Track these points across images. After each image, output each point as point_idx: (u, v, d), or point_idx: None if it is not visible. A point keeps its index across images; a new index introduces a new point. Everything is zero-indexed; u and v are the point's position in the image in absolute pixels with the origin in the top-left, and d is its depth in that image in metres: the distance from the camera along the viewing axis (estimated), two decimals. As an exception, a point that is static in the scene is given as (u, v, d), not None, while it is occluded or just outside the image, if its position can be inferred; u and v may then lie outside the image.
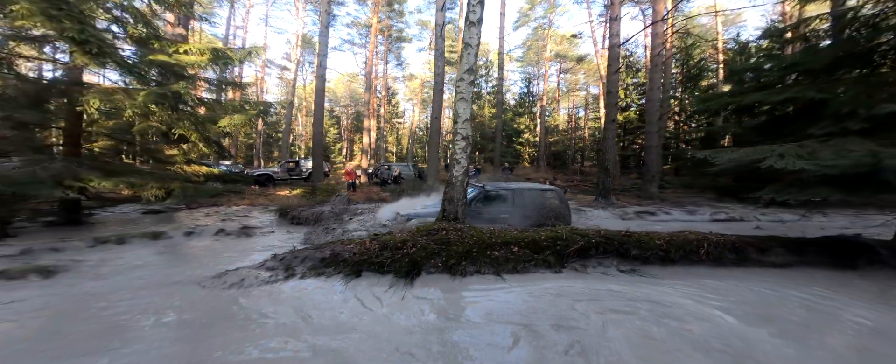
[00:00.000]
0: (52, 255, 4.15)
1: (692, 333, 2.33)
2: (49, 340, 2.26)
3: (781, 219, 8.40)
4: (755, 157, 3.60)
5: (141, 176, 5.51)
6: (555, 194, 6.21)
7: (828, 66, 4.08)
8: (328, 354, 2.15)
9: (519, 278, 3.55)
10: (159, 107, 5.28)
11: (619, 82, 28.88)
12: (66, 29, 4.22)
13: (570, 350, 2.17)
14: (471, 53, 4.54)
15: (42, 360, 2.04)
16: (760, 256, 3.81)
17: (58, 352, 2.12)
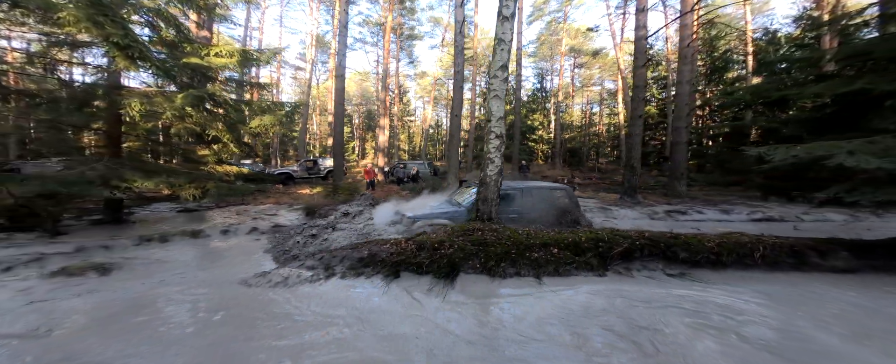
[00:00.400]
0: (104, 252, 4.34)
1: (784, 344, 2.17)
2: (117, 333, 2.33)
3: (828, 219, 7.92)
4: (820, 153, 3.35)
5: (179, 176, 5.69)
6: (564, 193, 6.00)
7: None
8: (377, 357, 2.13)
9: (560, 281, 3.46)
10: (195, 108, 5.42)
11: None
12: (111, 35, 4.36)
13: (652, 357, 2.07)
14: (504, 49, 4.43)
15: (119, 350, 2.11)
16: (822, 260, 3.56)
17: (126, 345, 2.18)
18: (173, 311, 2.79)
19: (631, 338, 2.29)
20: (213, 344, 2.23)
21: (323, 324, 2.55)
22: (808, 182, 4.52)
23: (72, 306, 2.81)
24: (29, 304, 2.84)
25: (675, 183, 11.44)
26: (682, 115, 11.43)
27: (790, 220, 7.95)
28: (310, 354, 2.14)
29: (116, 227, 5.93)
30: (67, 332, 2.38)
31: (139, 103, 5.28)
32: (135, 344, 2.21)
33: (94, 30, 4.31)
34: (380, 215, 5.97)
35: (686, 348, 2.17)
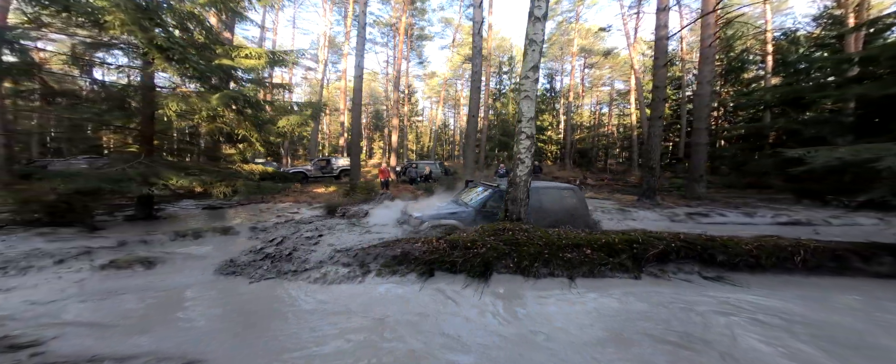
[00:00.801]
0: (145, 246, 4.50)
1: (842, 351, 2.14)
2: (167, 325, 2.43)
3: (857, 223, 7.71)
4: (867, 156, 3.28)
5: (211, 175, 5.85)
6: (572, 193, 5.97)
7: None
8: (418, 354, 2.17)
9: (595, 283, 3.46)
10: (228, 109, 5.57)
11: (650, 77, 27.54)
12: (154, 37, 4.52)
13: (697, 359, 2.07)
14: (535, 50, 4.44)
15: (174, 342, 2.20)
16: (865, 265, 3.49)
17: (178, 336, 2.27)
18: (216, 306, 2.89)
19: (680, 343, 2.29)
20: (258, 340, 2.30)
21: (364, 321, 2.61)
22: (846, 185, 4.43)
23: (127, 297, 2.93)
24: (85, 293, 2.97)
25: (694, 185, 11.26)
26: (702, 116, 11.24)
27: (817, 224, 7.76)
28: (351, 350, 2.18)
29: (149, 223, 6.13)
30: (132, 321, 2.49)
31: (176, 104, 5.45)
32: (185, 337, 2.29)
33: (140, 33, 4.47)
34: (379, 216, 5.99)
35: (733, 351, 2.16)
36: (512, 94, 34.35)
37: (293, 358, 2.09)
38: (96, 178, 4.56)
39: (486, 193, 5.83)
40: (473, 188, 6.78)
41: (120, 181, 4.69)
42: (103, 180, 4.51)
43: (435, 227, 5.06)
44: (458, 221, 5.27)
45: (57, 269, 3.54)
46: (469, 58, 36.67)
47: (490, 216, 5.36)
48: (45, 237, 4.40)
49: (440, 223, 5.17)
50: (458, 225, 5.25)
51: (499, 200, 5.62)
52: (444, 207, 5.75)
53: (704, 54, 11.44)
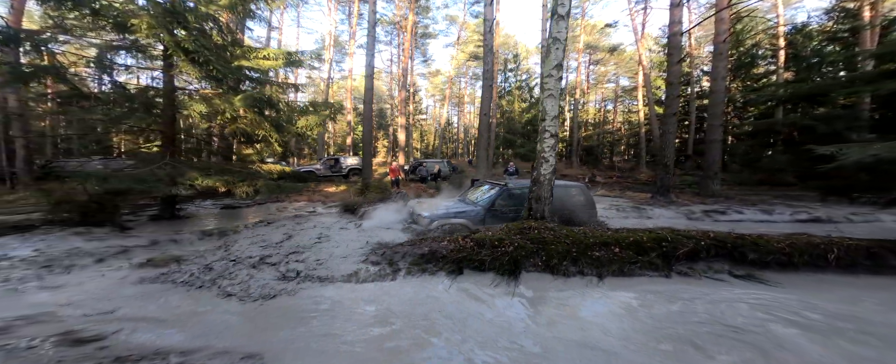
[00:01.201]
0: (176, 245, 4.61)
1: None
2: (204, 326, 2.50)
3: (879, 219, 7.60)
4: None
5: (233, 175, 5.95)
6: (579, 190, 5.96)
7: None
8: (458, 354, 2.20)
9: (625, 281, 3.47)
10: (251, 110, 5.65)
11: (659, 74, 27.21)
12: (181, 41, 4.59)
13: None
14: (559, 48, 4.44)
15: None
16: (900, 263, 3.45)
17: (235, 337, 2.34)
18: (259, 309, 2.96)
19: (726, 343, 2.30)
20: (305, 336, 2.36)
21: (400, 320, 2.65)
22: (876, 182, 4.37)
23: (171, 294, 3.02)
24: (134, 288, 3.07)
25: (708, 182, 11.16)
26: (717, 113, 11.12)
27: (838, 221, 7.65)
28: (385, 349, 2.21)
29: (173, 223, 6.26)
30: (181, 316, 2.57)
31: (200, 105, 5.54)
32: (236, 332, 2.36)
33: (167, 36, 4.55)
34: (380, 217, 5.89)
35: (778, 352, 2.16)
36: (517, 92, 34.19)
37: (341, 353, 2.15)
38: (129, 178, 4.67)
39: (494, 192, 5.80)
40: (479, 187, 6.78)
41: (151, 182, 4.79)
42: (135, 181, 4.63)
43: (444, 226, 5.09)
44: (468, 221, 5.29)
45: (98, 267, 3.65)
46: (474, 55, 36.56)
47: (499, 215, 5.37)
48: (82, 237, 4.52)
49: (449, 223, 5.19)
50: (468, 224, 5.27)
51: (508, 199, 5.63)
52: (453, 207, 5.72)
53: (718, 50, 11.29)
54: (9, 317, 2.41)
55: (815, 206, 9.28)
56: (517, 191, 5.78)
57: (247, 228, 5.41)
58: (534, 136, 29.56)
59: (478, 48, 35.55)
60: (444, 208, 5.64)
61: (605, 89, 39.64)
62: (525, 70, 37.15)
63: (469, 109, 48.17)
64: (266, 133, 6.65)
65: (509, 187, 5.79)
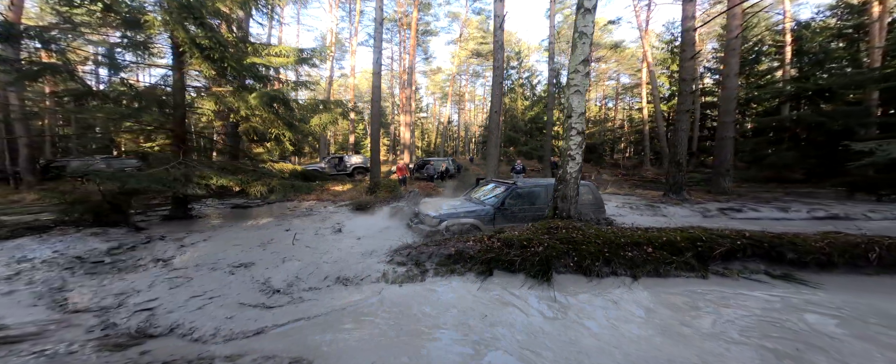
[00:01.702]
0: (208, 245, 4.51)
1: None
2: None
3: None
4: None
5: (247, 174, 5.85)
6: (587, 189, 5.86)
7: None
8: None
9: (661, 282, 3.39)
10: (266, 108, 5.54)
11: (663, 71, 27.03)
12: (198, 37, 4.47)
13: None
14: (585, 43, 4.33)
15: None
16: (943, 263, 3.36)
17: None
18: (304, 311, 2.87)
19: (785, 347, 2.22)
20: (352, 340, 2.29)
21: (437, 320, 2.58)
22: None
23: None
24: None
25: (720, 179, 11.07)
26: (729, 110, 11.01)
27: (856, 218, 7.55)
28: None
29: (186, 222, 6.17)
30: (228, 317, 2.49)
31: (213, 103, 5.42)
32: (281, 333, 2.28)
33: (182, 32, 4.43)
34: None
35: (841, 355, 2.09)
36: (519, 90, 34.00)
37: (385, 357, 2.07)
38: (147, 178, 4.57)
39: (503, 192, 5.70)
40: (484, 186, 6.67)
41: (168, 181, 4.70)
42: (154, 181, 4.53)
43: (453, 226, 4.99)
44: (477, 220, 5.20)
45: (139, 266, 3.56)
46: (476, 52, 36.30)
47: (508, 215, 5.31)
48: (100, 237, 4.43)
49: (459, 222, 5.10)
50: (477, 224, 5.19)
51: (516, 198, 5.54)
52: (461, 206, 5.60)
53: (730, 46, 11.16)
54: (42, 320, 2.33)
55: (829, 202, 9.18)
56: (526, 190, 5.72)
57: (287, 232, 5.30)
58: (536, 133, 29.46)
59: (480, 45, 35.35)
60: (452, 208, 5.54)
61: (605, 87, 39.50)
62: (527, 68, 36.91)
63: (469, 107, 48.03)
64: (279, 131, 6.54)
65: (517, 187, 5.70)
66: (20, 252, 3.80)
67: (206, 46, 4.65)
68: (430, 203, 6.24)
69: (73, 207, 4.91)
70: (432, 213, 5.29)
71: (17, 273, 3.37)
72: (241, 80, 6.12)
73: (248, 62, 6.21)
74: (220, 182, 5.37)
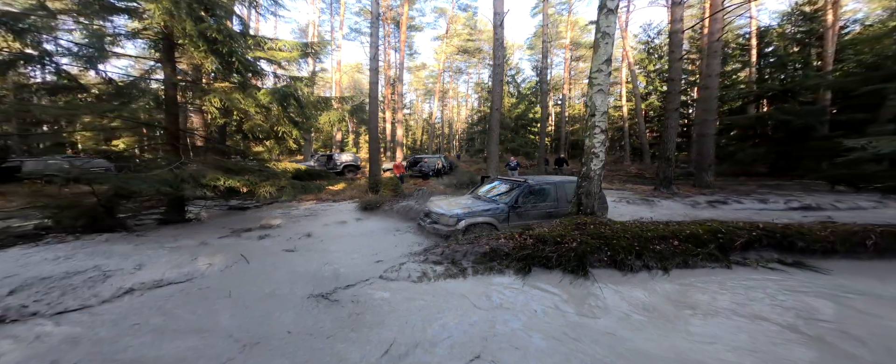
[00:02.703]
0: (226, 245, 4.26)
1: None
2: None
3: (859, 206, 8.33)
4: None
5: (255, 175, 5.58)
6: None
7: None
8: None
9: (691, 273, 3.58)
10: (278, 105, 5.29)
11: (640, 71, 28.30)
12: (207, 28, 4.19)
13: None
14: (608, 43, 4.46)
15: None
16: (926, 248, 3.79)
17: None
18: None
19: (826, 333, 2.43)
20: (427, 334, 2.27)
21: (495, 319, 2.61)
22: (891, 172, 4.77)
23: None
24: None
25: (703, 173, 11.79)
26: (711, 108, 11.71)
27: (826, 209, 8.30)
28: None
29: (185, 226, 5.80)
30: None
31: (218, 100, 5.11)
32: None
33: (190, 23, 4.13)
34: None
35: (874, 340, 2.32)
36: (505, 87, 34.35)
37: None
38: (154, 181, 4.24)
39: (516, 190, 5.72)
40: (490, 183, 6.70)
41: (175, 183, 4.39)
42: (160, 182, 4.21)
43: (471, 225, 5.03)
44: (493, 218, 5.27)
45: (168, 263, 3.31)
46: (462, 49, 36.26)
47: (522, 212, 5.38)
48: (111, 243, 4.08)
49: (476, 221, 5.15)
50: (493, 223, 5.25)
51: (528, 196, 5.62)
52: (474, 205, 5.58)
53: (712, 48, 11.83)
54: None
55: (799, 194, 10.05)
56: (537, 188, 5.80)
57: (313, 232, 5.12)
58: (522, 130, 29.94)
59: (467, 42, 35.35)
60: (466, 207, 5.51)
61: (583, 85, 40.81)
62: (511, 65, 37.39)
63: (453, 104, 48.07)
64: (285, 129, 6.27)
65: (530, 185, 5.76)
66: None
67: (213, 39, 4.36)
68: (439, 202, 6.19)
69: (64, 212, 4.48)
70: (448, 213, 5.26)
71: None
72: (243, 76, 5.79)
73: (252, 56, 5.90)
74: (229, 183, 5.09)
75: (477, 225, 5.08)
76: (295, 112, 5.86)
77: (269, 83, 6.06)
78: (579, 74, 37.95)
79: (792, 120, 14.77)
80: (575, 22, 32.57)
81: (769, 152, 16.15)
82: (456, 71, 43.09)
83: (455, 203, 5.85)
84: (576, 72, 37.63)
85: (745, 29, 20.54)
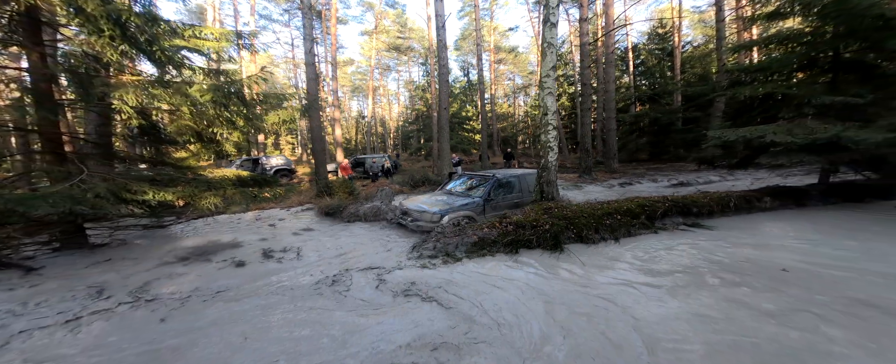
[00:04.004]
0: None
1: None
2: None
3: (710, 180, 11.40)
4: (758, 134, 5.21)
5: (190, 185, 4.70)
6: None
7: (790, 69, 6.02)
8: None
9: (634, 240, 4.51)
10: (217, 104, 4.54)
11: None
12: (112, 10, 3.40)
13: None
14: (552, 52, 5.20)
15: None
16: (760, 204, 5.56)
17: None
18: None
19: (727, 267, 3.45)
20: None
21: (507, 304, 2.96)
22: (728, 154, 6.76)
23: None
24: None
25: (610, 161, 14.37)
26: (611, 108, 14.30)
27: (693, 184, 11.12)
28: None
29: (92, 253, 4.53)
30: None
31: (133, 97, 4.17)
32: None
33: (92, 4, 3.29)
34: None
35: (749, 263, 3.44)
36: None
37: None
38: (59, 199, 3.21)
39: (488, 184, 6.18)
40: (457, 179, 7.12)
41: (86, 201, 3.43)
42: (66, 200, 3.22)
43: (454, 219, 5.37)
44: (471, 211, 5.72)
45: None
46: (393, 47, 35.71)
47: (493, 204, 5.89)
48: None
49: (457, 215, 5.52)
50: (472, 215, 5.70)
51: (498, 188, 6.23)
52: (450, 200, 5.92)
53: (608, 60, 14.47)
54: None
55: (674, 174, 13.17)
56: (505, 180, 6.41)
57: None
58: (457, 128, 31.25)
59: (398, 40, 34.94)
60: (444, 203, 5.79)
61: (505, 86, 44.71)
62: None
63: (383, 102, 47.06)
64: (221, 131, 5.44)
65: (498, 178, 6.33)
66: None
67: (123, 23, 3.54)
68: (414, 200, 6.26)
69: None
70: (430, 210, 5.41)
71: None
72: (163, 68, 4.78)
73: (169, 45, 4.91)
74: (160, 197, 4.20)
75: (458, 219, 5.34)
76: (236, 111, 5.10)
77: (197, 77, 5.10)
78: (500, 76, 41.34)
79: (660, 117, 19.34)
80: (495, 27, 35.25)
81: (648, 143, 20.85)
82: (385, 68, 42.22)
83: (432, 201, 5.99)
84: (498, 74, 40.85)
85: (623, 44, 25.44)
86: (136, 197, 3.94)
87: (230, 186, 5.12)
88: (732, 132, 5.67)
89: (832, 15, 5.23)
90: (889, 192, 5.93)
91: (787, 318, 2.37)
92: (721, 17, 13.20)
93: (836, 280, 2.99)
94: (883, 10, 4.88)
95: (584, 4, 12.48)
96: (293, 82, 36.30)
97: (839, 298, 2.63)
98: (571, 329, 2.33)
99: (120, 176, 4.15)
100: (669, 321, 2.39)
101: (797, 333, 2.18)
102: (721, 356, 1.99)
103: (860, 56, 5.67)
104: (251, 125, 5.46)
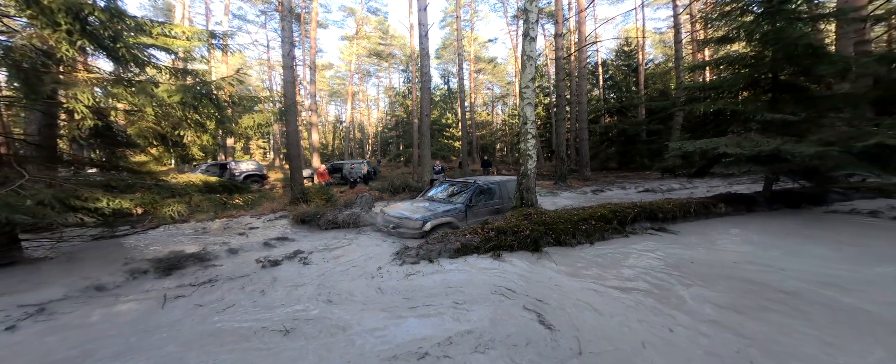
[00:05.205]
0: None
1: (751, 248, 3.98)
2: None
3: (672, 188, 12.24)
4: (712, 146, 5.71)
5: (152, 191, 4.37)
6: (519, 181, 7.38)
7: (737, 88, 6.69)
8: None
9: (607, 244, 4.75)
10: (187, 106, 4.29)
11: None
12: (72, 4, 3.17)
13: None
14: (532, 65, 5.45)
15: None
16: (716, 210, 6.05)
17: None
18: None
19: (675, 266, 3.72)
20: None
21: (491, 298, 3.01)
22: (687, 164, 7.34)
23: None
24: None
25: (584, 169, 15.05)
26: (583, 119, 15.07)
27: (657, 191, 11.90)
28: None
29: (30, 270, 4.05)
30: None
31: (88, 96, 3.86)
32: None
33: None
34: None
35: (704, 261, 3.74)
36: (418, 94, 35.40)
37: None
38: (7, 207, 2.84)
39: (469, 190, 6.24)
40: (438, 186, 7.18)
41: (27, 209, 3.08)
42: (4, 208, 2.87)
43: (437, 225, 5.40)
44: (453, 218, 5.78)
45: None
46: (375, 53, 35.60)
47: (474, 210, 5.95)
48: None
49: (440, 221, 5.56)
50: (453, 221, 5.76)
51: (480, 195, 6.35)
52: (433, 207, 5.95)
53: (581, 73, 15.31)
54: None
55: (640, 182, 14.02)
56: (486, 187, 6.52)
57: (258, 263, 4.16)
58: (438, 135, 31.51)
59: (379, 46, 34.88)
60: (426, 209, 5.79)
61: (484, 95, 45.86)
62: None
63: (363, 107, 46.53)
64: (189, 133, 5.14)
65: (479, 185, 6.43)
66: None
67: (82, 18, 3.29)
68: (396, 207, 6.20)
69: None
70: (412, 217, 5.38)
71: None
72: (125, 67, 4.46)
73: (135, 42, 4.61)
74: (116, 204, 3.86)
75: (440, 225, 5.34)
76: (207, 113, 4.83)
77: (162, 77, 4.78)
78: (480, 86, 42.36)
79: (627, 129, 20.69)
80: (476, 38, 36.23)
81: (617, 152, 22.15)
82: (365, 73, 41.93)
83: (414, 207, 5.96)
84: (477, 83, 41.83)
85: (594, 59, 27.06)
86: (87, 204, 3.59)
87: (196, 193, 4.80)
88: (691, 143, 6.16)
89: (771, 42, 5.91)
90: (822, 199, 6.69)
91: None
92: (679, 39, 14.46)
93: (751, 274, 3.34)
94: (811, 40, 5.58)
95: (559, 21, 13.18)
96: (267, 84, 35.07)
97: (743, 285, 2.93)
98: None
99: (68, 181, 3.77)
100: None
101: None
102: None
103: (794, 79, 6.42)
104: (223, 128, 5.20)
